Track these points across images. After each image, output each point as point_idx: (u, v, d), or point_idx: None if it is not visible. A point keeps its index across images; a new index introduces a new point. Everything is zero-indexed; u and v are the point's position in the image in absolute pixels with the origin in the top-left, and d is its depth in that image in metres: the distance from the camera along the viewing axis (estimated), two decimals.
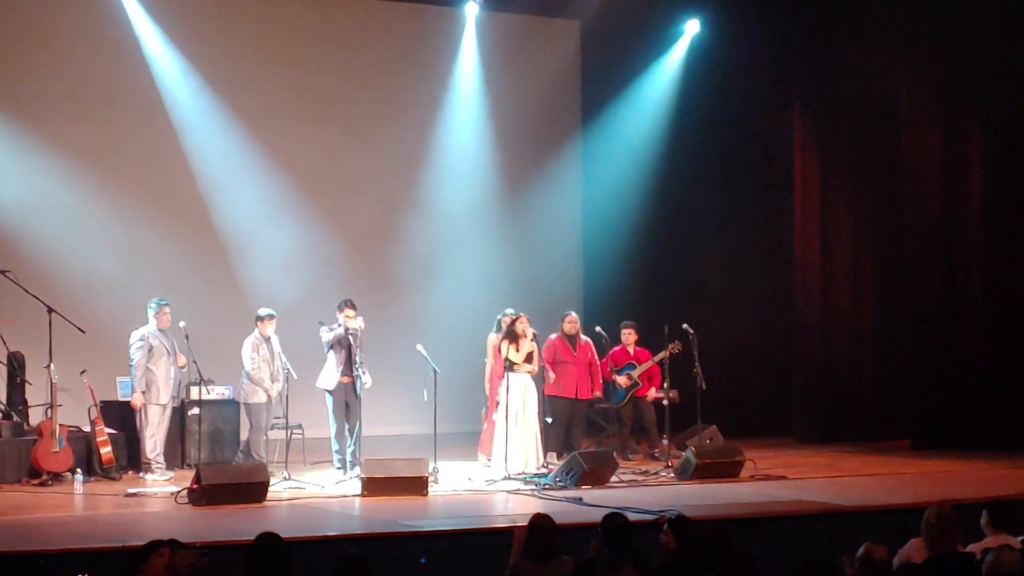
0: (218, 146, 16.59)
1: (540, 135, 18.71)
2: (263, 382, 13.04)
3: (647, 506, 10.45)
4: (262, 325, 13.16)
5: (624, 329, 14.87)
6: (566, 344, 14.16)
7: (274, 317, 13.22)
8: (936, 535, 7.53)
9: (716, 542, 7.25)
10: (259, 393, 13.08)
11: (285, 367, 12.68)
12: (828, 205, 16.73)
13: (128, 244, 16.20)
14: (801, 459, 14.56)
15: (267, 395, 13.09)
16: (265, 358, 13.07)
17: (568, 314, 14.40)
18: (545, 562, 7.39)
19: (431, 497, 11.66)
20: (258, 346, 13.08)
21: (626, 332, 14.85)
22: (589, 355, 14.23)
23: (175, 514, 10.87)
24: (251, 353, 13.06)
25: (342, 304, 13.12)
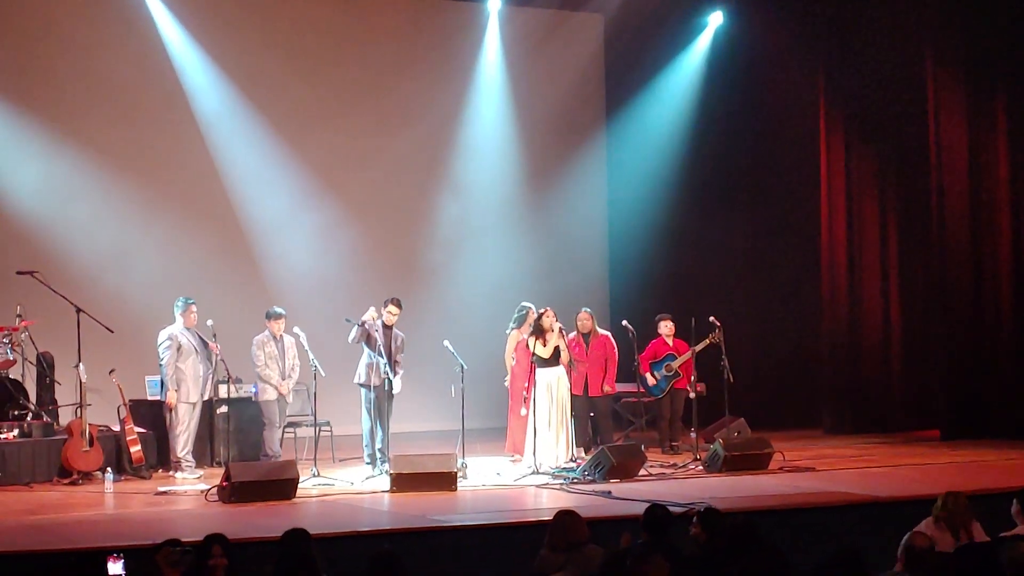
0: (243, 143, 16.66)
1: (564, 129, 18.70)
2: (271, 379, 13.13)
3: (676, 499, 10.46)
4: (270, 324, 13.24)
5: (661, 321, 14.85)
6: (580, 343, 14.16)
7: (282, 316, 13.33)
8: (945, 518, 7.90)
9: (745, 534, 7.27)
10: (268, 390, 13.15)
11: (313, 364, 12.72)
12: (855, 195, 16.68)
13: (155, 243, 16.29)
14: (830, 450, 14.54)
15: (277, 392, 13.15)
16: (273, 355, 13.16)
17: (580, 311, 14.39)
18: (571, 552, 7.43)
19: (460, 492, 11.69)
20: (264, 344, 13.18)
21: (664, 324, 14.83)
22: (605, 351, 14.21)
23: (205, 511, 10.92)
24: (257, 351, 13.16)
25: (386, 302, 13.19)
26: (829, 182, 16.70)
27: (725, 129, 17.91)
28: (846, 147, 16.69)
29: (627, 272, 18.63)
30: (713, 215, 18.10)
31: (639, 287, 18.15)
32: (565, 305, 14.59)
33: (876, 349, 16.73)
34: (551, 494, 11.65)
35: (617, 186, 19.04)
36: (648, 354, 14.76)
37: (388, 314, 13.07)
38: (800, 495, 11.26)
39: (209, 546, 7.06)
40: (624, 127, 18.72)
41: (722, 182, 18.06)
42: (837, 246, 16.69)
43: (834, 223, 16.69)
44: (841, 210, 16.68)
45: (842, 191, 16.68)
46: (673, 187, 18.10)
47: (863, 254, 16.71)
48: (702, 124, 17.96)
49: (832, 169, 16.69)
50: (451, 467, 11.79)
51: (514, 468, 13.04)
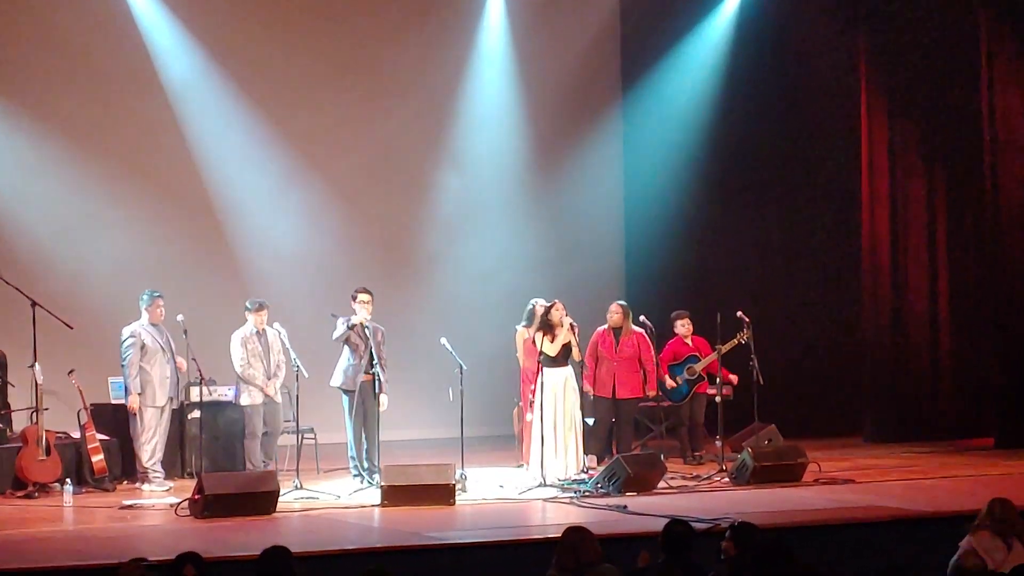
0: (218, 117, 16.63)
1: (575, 104, 18.66)
2: (255, 379, 13.07)
3: (699, 514, 10.45)
4: (253, 317, 13.18)
5: (678, 320, 14.84)
6: (609, 338, 14.15)
7: (266, 307, 13.24)
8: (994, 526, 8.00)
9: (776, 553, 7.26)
10: (252, 393, 13.11)
11: (295, 364, 12.71)
12: (899, 175, 16.63)
13: (120, 231, 16.27)
14: (871, 460, 14.53)
15: (263, 394, 13.10)
16: (256, 353, 13.09)
17: (611, 304, 14.39)
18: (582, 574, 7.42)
19: (458, 507, 11.69)
20: (247, 340, 13.12)
21: (681, 323, 14.82)
22: (638, 350, 14.19)
23: (175, 528, 10.91)
24: (238, 348, 13.09)
25: (354, 292, 13.14)
26: (870, 162, 16.65)
27: (754, 104, 17.85)
28: (889, 122, 16.64)
29: (645, 262, 18.60)
30: (741, 200, 18.05)
31: (659, 279, 18.11)
32: (576, 298, 14.57)
33: (923, 348, 16.70)
34: (561, 509, 11.65)
35: (634, 167, 19.00)
36: (667, 355, 14.74)
37: (360, 305, 13.03)
38: (838, 510, 11.26)
39: (181, 565, 7.07)
40: (642, 101, 18.67)
41: (751, 163, 18.01)
42: (879, 233, 16.65)
43: (876, 207, 16.65)
44: (884, 193, 16.64)
45: (885, 172, 16.64)
46: (696, 168, 18.05)
47: (908, 242, 16.67)
48: (728, 98, 17.92)
49: (874, 147, 16.64)
50: (449, 479, 11.79)
51: (519, 480, 13.02)
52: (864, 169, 16.71)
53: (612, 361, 14.06)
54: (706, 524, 9.88)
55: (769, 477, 12.65)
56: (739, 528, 7.72)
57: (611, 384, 14.05)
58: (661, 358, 14.60)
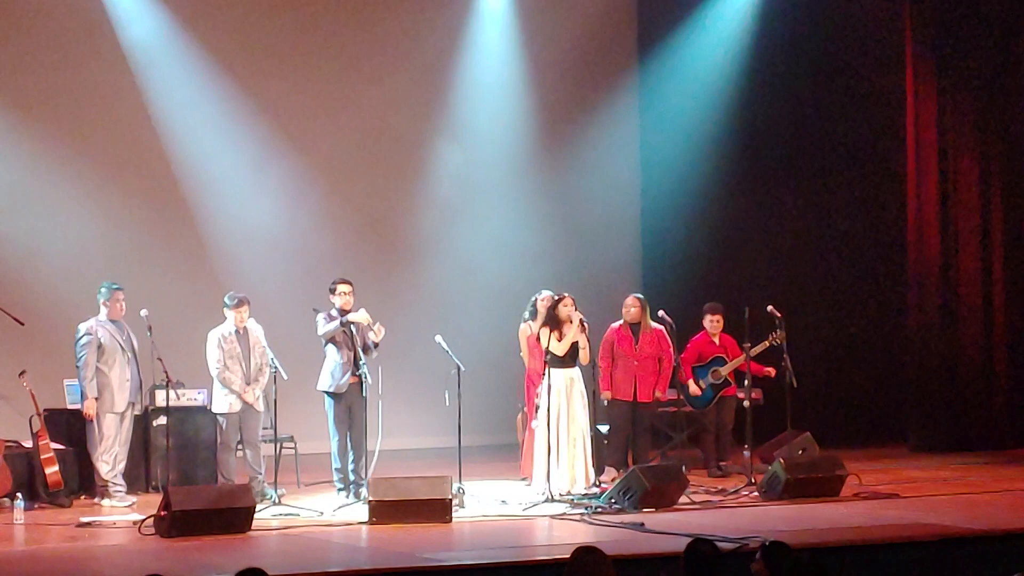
0: (186, 90, 16.62)
1: (587, 72, 18.68)
2: (232, 383, 13.04)
3: (725, 533, 10.45)
4: (233, 313, 13.15)
5: (710, 314, 14.80)
6: (627, 335, 14.15)
7: (246, 303, 13.19)
8: None
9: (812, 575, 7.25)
10: (229, 399, 13.09)
11: (272, 364, 12.70)
12: (949, 153, 16.64)
13: (76, 215, 16.26)
14: (918, 473, 14.56)
15: (241, 401, 13.07)
16: (235, 354, 13.04)
17: (628, 297, 14.39)
18: None
19: (455, 524, 11.68)
20: (224, 340, 13.08)
21: (712, 319, 14.77)
22: (659, 348, 14.22)
23: (139, 547, 10.89)
24: (213, 349, 13.06)
25: (332, 284, 13.11)
26: (917, 139, 16.65)
27: (784, 75, 17.85)
28: (938, 95, 16.65)
29: (664, 250, 18.61)
30: (771, 181, 18.06)
31: (679, 269, 18.12)
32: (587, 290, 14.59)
33: (975, 346, 16.71)
34: (569, 527, 11.65)
35: (652, 144, 19.01)
36: (691, 355, 14.73)
37: (342, 296, 13.01)
38: (880, 528, 11.26)
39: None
40: (660, 72, 18.68)
41: (782, 140, 18.02)
42: (927, 219, 16.66)
43: (923, 190, 16.65)
44: (932, 174, 16.64)
45: (933, 150, 16.64)
46: (721, 146, 18.07)
47: (959, 229, 16.68)
48: (756, 68, 17.91)
49: (921, 122, 16.64)
50: (444, 493, 11.79)
51: (522, 494, 13.03)
52: (910, 147, 16.70)
53: (632, 360, 14.06)
54: (733, 544, 9.88)
55: (803, 491, 12.65)
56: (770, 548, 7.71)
57: (631, 386, 14.05)
58: (684, 358, 14.60)
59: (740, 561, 7.95)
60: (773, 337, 14.13)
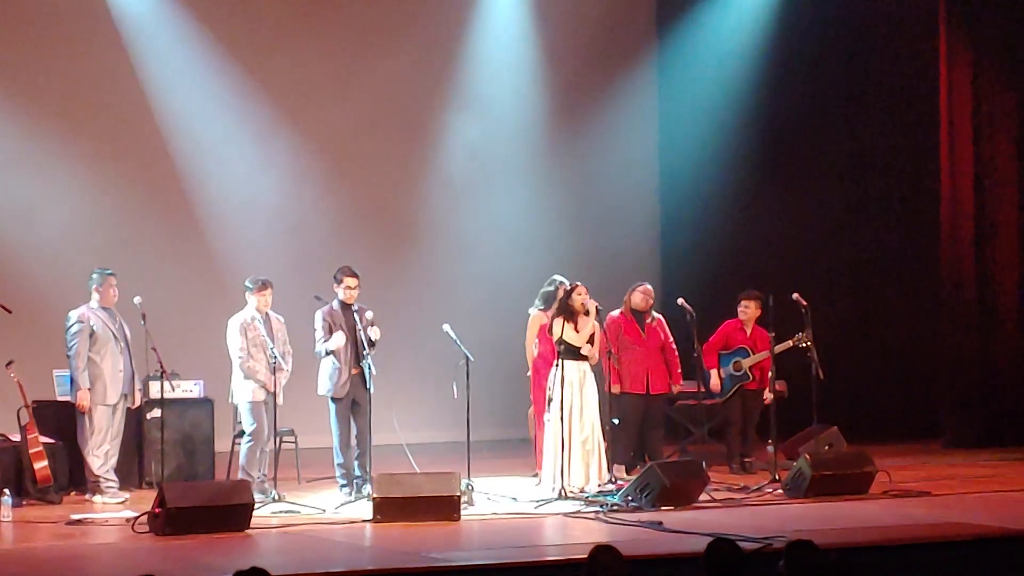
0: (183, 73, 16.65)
1: (604, 48, 18.67)
2: (257, 373, 12.98)
3: (748, 532, 10.44)
4: (256, 298, 13.05)
5: (745, 301, 14.72)
6: (633, 323, 14.14)
7: (270, 285, 13.06)
8: None
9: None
10: (254, 390, 12.99)
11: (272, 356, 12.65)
12: (985, 138, 16.60)
13: (68, 201, 16.30)
14: (951, 470, 14.54)
15: (264, 391, 13.00)
16: (258, 342, 12.97)
17: (640, 284, 14.37)
18: None
19: (464, 522, 11.69)
20: (247, 327, 12.99)
21: (747, 305, 14.70)
22: (661, 336, 14.25)
23: (132, 546, 10.89)
24: (238, 338, 13.00)
25: (339, 274, 13.08)
26: (951, 121, 16.62)
27: (811, 51, 17.83)
28: (974, 72, 16.61)
29: (684, 236, 18.61)
30: (796, 163, 18.04)
31: (699, 256, 18.13)
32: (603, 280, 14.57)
33: (1011, 338, 16.68)
34: (584, 525, 11.65)
35: (671, 123, 19.01)
36: (717, 341, 14.70)
37: (346, 289, 12.98)
38: (911, 527, 11.25)
39: None
40: (680, 47, 18.69)
41: (808, 120, 17.99)
42: (962, 206, 16.63)
43: (957, 174, 16.62)
44: (966, 156, 16.61)
45: (968, 134, 16.60)
46: (744, 125, 18.06)
47: (996, 217, 16.65)
48: (782, 45, 17.89)
49: (955, 103, 16.60)
50: (452, 490, 11.79)
51: (534, 491, 13.04)
52: (943, 127, 16.67)
53: (643, 350, 14.05)
54: (756, 544, 9.87)
55: (830, 488, 12.64)
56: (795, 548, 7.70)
57: (643, 377, 14.05)
58: (710, 344, 14.60)
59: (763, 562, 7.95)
60: (798, 339, 14.09)
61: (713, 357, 14.64)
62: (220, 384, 13.82)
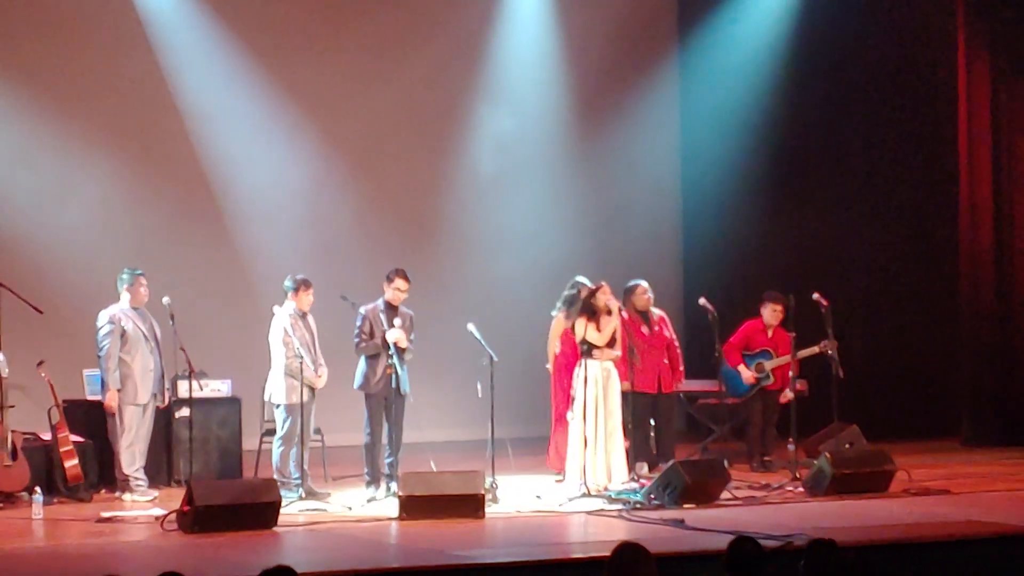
0: (210, 66, 16.68)
1: (626, 50, 18.65)
2: (303, 372, 12.87)
3: (769, 530, 10.43)
4: (299, 297, 13.01)
5: (770, 303, 14.67)
6: (637, 323, 14.14)
7: (311, 285, 13.09)
8: None
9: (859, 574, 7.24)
10: (295, 388, 12.95)
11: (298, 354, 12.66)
12: (1003, 139, 16.56)
13: (97, 200, 16.33)
14: (971, 468, 14.51)
15: (310, 391, 12.98)
16: (304, 340, 13.01)
17: (638, 284, 14.38)
18: None
19: (488, 520, 11.70)
20: (294, 324, 12.91)
21: (771, 308, 14.66)
22: (667, 335, 14.28)
23: (161, 544, 10.94)
24: (282, 336, 12.92)
25: (392, 274, 13.09)
26: (970, 124, 16.58)
27: (833, 56, 17.78)
28: (992, 75, 16.57)
29: (705, 237, 18.59)
30: (816, 164, 18.01)
31: (721, 256, 18.11)
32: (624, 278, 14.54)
33: None
34: (606, 523, 11.66)
35: (692, 124, 18.98)
36: (739, 340, 14.69)
37: (396, 291, 13.03)
38: (932, 525, 11.22)
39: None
40: (702, 51, 18.65)
41: (830, 125, 17.94)
42: (980, 205, 16.60)
43: (976, 175, 16.60)
44: (985, 157, 16.58)
45: (987, 134, 16.57)
46: (765, 127, 18.02)
47: (1014, 214, 16.61)
48: (802, 48, 17.84)
49: (974, 107, 16.57)
50: (477, 488, 11.81)
51: (558, 489, 13.05)
52: (962, 128, 16.64)
53: (650, 349, 14.06)
54: (777, 542, 9.86)
55: (850, 487, 12.63)
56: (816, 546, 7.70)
57: (654, 376, 14.05)
58: (732, 343, 14.59)
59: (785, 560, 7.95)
60: (824, 346, 14.09)
61: (737, 355, 14.63)
62: (248, 383, 13.88)
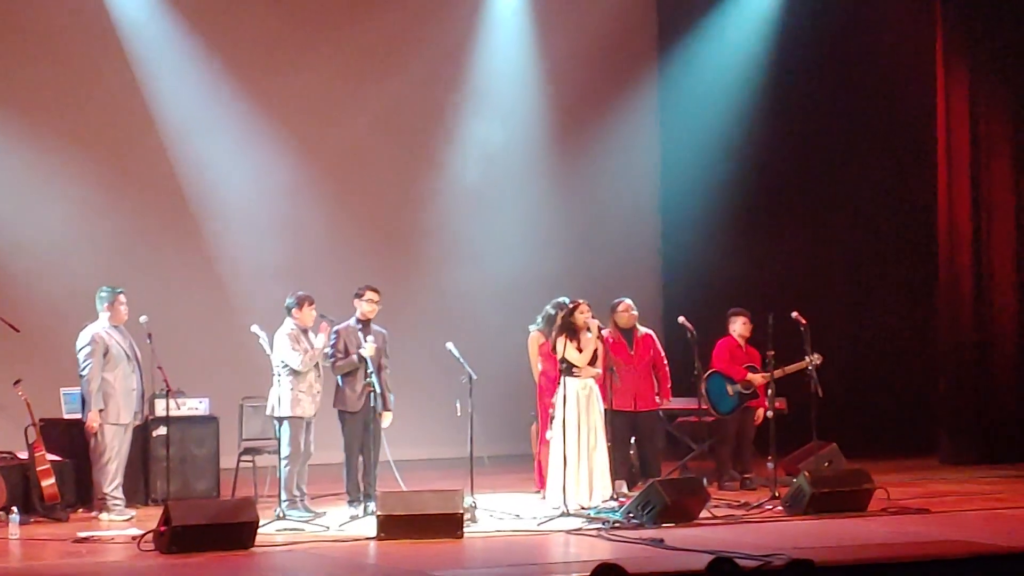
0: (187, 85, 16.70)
1: (605, 68, 18.69)
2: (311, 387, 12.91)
3: (748, 549, 10.42)
4: (302, 313, 12.93)
5: (737, 318, 14.72)
6: (621, 342, 14.14)
7: (313, 301, 13.00)
8: None
9: None
10: (302, 403, 12.89)
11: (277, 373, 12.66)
12: (982, 157, 16.59)
13: (72, 217, 16.29)
14: (949, 487, 14.52)
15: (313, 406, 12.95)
16: (310, 355, 12.96)
17: (620, 301, 14.38)
18: None
19: (467, 540, 11.64)
20: (298, 338, 12.89)
21: (737, 321, 14.70)
22: (651, 352, 14.27)
23: (138, 564, 10.88)
24: (292, 345, 12.81)
25: (361, 289, 13.08)
26: (949, 135, 16.62)
27: (810, 72, 17.85)
28: (971, 93, 16.61)
29: (684, 255, 18.61)
30: (795, 181, 18.06)
31: (700, 274, 18.12)
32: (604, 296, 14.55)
33: (1008, 355, 16.67)
34: (586, 542, 11.61)
35: (672, 142, 19.02)
36: (722, 356, 14.69)
37: (368, 303, 13.00)
38: (909, 544, 11.21)
39: None
40: (681, 65, 18.71)
41: (807, 139, 17.98)
42: (959, 221, 16.62)
43: (955, 189, 16.62)
44: (963, 175, 16.61)
45: (965, 151, 16.60)
46: (744, 144, 18.06)
47: (992, 232, 16.64)
48: (782, 63, 17.90)
49: (953, 117, 16.60)
50: (456, 507, 11.77)
51: (537, 508, 13.02)
52: (940, 146, 16.67)
53: (630, 367, 14.05)
54: (756, 561, 9.84)
55: (829, 506, 12.62)
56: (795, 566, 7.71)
57: (631, 395, 14.04)
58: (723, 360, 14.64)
59: None
60: (810, 360, 14.08)
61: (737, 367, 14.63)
62: (225, 401, 13.85)
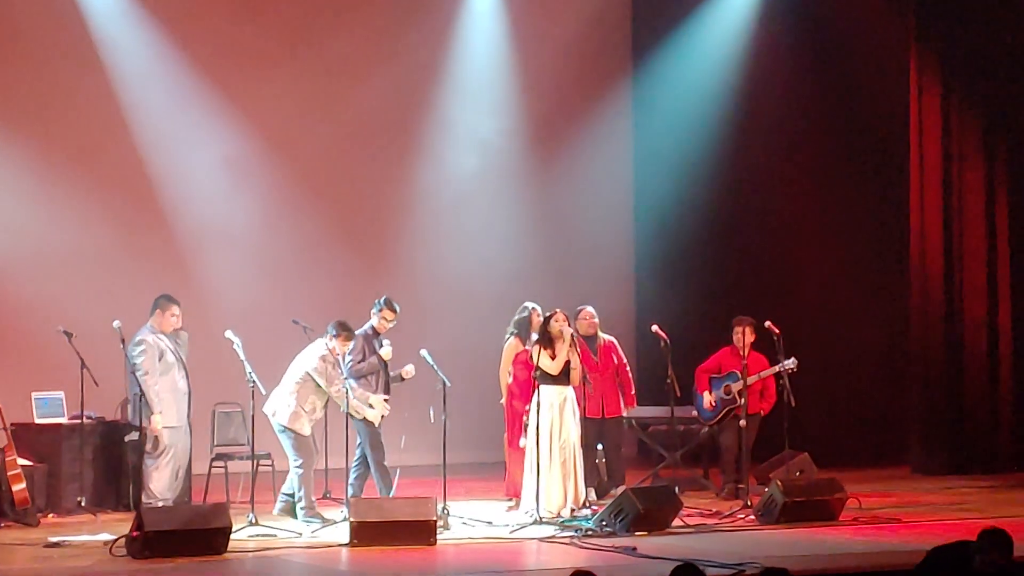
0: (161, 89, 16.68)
1: (579, 78, 18.71)
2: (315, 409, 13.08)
3: (720, 558, 10.46)
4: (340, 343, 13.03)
5: (740, 327, 14.68)
6: (585, 350, 14.15)
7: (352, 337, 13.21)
8: None
9: None
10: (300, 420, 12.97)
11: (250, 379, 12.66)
12: (953, 168, 16.63)
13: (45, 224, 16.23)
14: (920, 496, 14.55)
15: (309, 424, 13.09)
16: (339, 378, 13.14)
17: (582, 309, 14.39)
18: None
19: (440, 547, 11.68)
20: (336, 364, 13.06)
21: (741, 330, 14.63)
22: (615, 360, 14.29)
23: (109, 569, 10.86)
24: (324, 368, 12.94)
25: (381, 304, 13.29)
26: (921, 148, 16.67)
27: (783, 81, 17.88)
28: (942, 103, 16.66)
29: (658, 263, 18.63)
30: (768, 190, 18.08)
31: (673, 282, 18.15)
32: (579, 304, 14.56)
33: (980, 365, 16.71)
34: (558, 550, 11.65)
35: (645, 151, 19.04)
36: (711, 366, 14.70)
37: (383, 320, 13.20)
38: (881, 554, 11.26)
39: None
40: (656, 74, 18.72)
41: (780, 148, 18.03)
42: (930, 231, 16.67)
43: (927, 201, 16.67)
44: (935, 185, 16.66)
45: (936, 161, 16.65)
46: (717, 154, 18.08)
47: (964, 239, 16.68)
48: (756, 75, 17.93)
49: (925, 131, 16.65)
50: (429, 514, 11.77)
51: (511, 516, 13.04)
52: (913, 155, 16.72)
53: (595, 375, 14.06)
54: (728, 570, 9.88)
55: (801, 515, 12.64)
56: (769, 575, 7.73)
57: (598, 401, 14.05)
58: (704, 367, 14.64)
59: None
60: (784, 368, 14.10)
61: (705, 379, 14.65)
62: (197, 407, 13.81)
